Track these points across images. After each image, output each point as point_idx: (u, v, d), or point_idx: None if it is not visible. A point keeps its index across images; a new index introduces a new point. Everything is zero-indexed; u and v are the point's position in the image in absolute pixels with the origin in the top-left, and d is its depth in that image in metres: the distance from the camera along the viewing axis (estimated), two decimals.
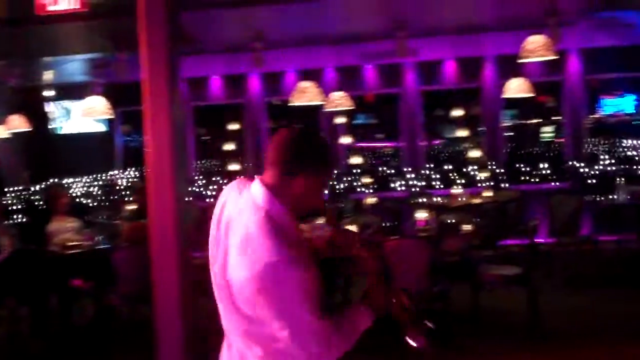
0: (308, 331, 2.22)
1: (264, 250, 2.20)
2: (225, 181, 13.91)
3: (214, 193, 12.59)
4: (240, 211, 2.36)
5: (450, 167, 12.56)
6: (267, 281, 2.18)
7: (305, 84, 7.60)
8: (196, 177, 14.02)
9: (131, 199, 10.45)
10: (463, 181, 10.98)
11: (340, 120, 11.83)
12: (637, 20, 10.79)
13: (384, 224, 9.48)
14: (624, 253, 9.16)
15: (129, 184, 13.80)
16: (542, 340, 6.66)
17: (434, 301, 6.69)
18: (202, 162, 17.52)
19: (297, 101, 7.56)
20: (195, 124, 14.25)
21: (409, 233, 7.64)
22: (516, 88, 8.97)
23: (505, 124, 13.20)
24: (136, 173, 14.90)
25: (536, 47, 6.93)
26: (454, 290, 6.87)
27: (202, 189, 13.10)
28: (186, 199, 5.42)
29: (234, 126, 13.23)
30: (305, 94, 7.47)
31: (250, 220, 2.29)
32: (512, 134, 19.16)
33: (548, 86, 14.50)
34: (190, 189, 12.16)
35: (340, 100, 8.84)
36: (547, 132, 21.21)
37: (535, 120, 21.95)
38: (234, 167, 13.12)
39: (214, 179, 13.79)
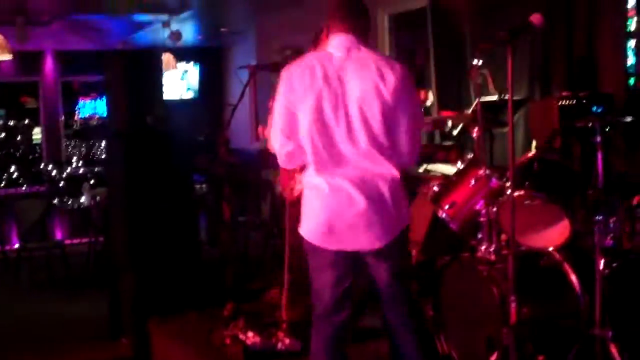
0: None
1: None
2: None
3: None
4: None
5: None
6: None
7: None
8: None
9: None
10: None
11: None
12: (108, 25, 11.02)
13: None
14: (93, 255, 9.20)
15: None
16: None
17: None
18: None
19: None
20: None
21: None
22: None
23: None
24: None
25: None
26: None
27: None
28: None
29: None
30: None
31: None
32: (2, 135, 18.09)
33: (29, 87, 14.17)
34: None
35: None
36: (37, 133, 20.66)
37: (27, 121, 21.23)
38: None
39: None
